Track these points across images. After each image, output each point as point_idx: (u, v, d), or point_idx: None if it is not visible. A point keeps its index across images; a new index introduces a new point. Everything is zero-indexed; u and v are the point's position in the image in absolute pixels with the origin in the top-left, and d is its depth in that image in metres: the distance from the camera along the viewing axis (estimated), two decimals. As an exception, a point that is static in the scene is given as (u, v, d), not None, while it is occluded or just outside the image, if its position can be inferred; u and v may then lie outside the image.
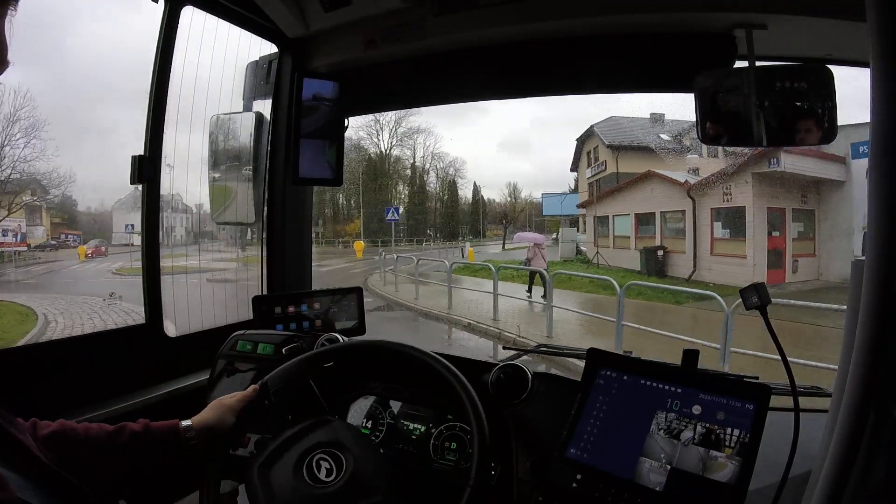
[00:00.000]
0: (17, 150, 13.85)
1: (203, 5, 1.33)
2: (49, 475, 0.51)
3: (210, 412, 0.94)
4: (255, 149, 1.55)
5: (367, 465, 0.83)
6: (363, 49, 1.39)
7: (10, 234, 13.19)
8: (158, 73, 1.29)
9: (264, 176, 1.59)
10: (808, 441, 0.76)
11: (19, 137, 13.69)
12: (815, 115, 1.01)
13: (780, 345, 0.85)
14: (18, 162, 14.12)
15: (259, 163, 1.57)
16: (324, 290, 1.50)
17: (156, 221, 1.34)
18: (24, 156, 13.98)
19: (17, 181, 14.45)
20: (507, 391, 1.03)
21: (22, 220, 14.47)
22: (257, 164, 1.56)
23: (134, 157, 1.28)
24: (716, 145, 1.10)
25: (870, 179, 0.50)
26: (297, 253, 1.71)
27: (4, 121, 13.36)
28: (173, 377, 1.36)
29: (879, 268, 0.50)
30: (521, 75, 1.38)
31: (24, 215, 14.92)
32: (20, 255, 13.84)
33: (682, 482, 0.77)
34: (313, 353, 1.04)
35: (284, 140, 1.56)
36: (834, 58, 1.15)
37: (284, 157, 1.57)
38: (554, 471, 0.86)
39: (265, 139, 1.57)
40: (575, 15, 1.18)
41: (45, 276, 13.87)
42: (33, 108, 13.67)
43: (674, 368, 0.92)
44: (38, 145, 14.18)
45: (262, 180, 1.59)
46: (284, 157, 1.57)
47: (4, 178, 13.94)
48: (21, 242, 13.76)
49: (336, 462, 0.83)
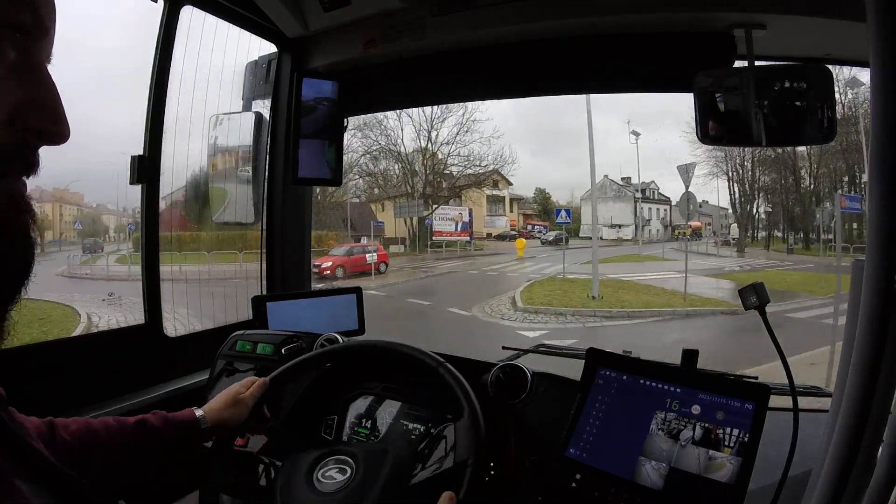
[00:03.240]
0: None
1: (203, 5, 1.33)
2: (58, 479, 0.50)
3: (223, 405, 0.91)
4: (255, 149, 1.55)
5: (374, 475, 0.83)
6: (363, 49, 1.39)
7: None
8: (158, 72, 1.28)
9: (264, 176, 1.59)
10: (808, 441, 0.77)
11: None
12: (814, 114, 1.01)
13: (780, 345, 0.86)
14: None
15: (258, 163, 1.57)
16: (324, 290, 1.51)
17: (156, 221, 1.34)
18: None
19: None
20: (506, 391, 1.03)
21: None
22: (257, 163, 1.56)
23: (133, 157, 1.28)
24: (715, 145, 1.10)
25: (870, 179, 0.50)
26: (296, 253, 1.71)
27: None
28: (173, 377, 1.36)
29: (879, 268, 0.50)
30: (521, 75, 1.38)
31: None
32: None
33: (682, 482, 0.77)
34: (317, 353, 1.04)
35: (284, 140, 1.56)
36: (833, 58, 1.15)
37: (284, 157, 1.58)
38: (554, 471, 0.86)
39: (264, 139, 1.57)
40: (575, 15, 1.18)
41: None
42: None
43: (673, 368, 0.92)
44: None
45: (262, 180, 1.59)
46: (284, 156, 1.58)
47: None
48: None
49: (344, 471, 0.83)
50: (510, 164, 27.01)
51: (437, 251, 23.76)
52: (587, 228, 27.00)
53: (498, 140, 38.27)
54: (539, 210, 35.61)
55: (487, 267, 18.49)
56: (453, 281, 15.75)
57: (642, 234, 28.15)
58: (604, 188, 30.65)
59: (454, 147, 25.86)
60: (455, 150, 25.86)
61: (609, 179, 31.07)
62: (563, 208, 20.75)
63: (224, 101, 1.61)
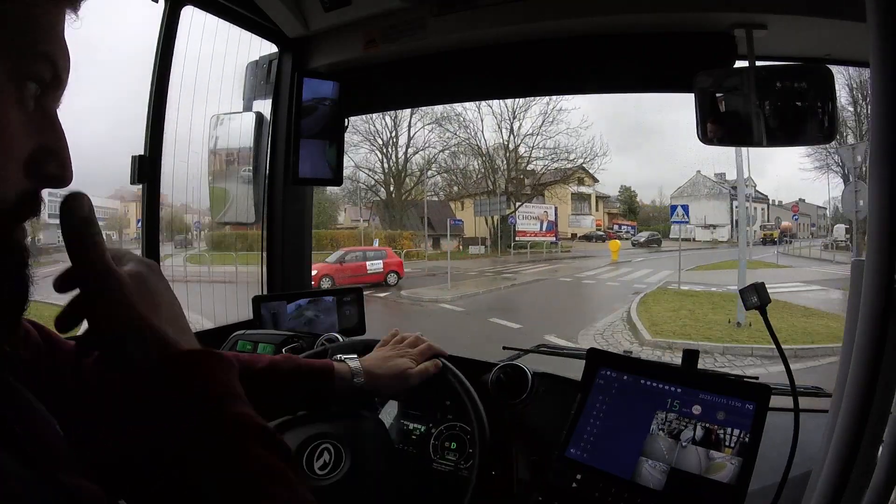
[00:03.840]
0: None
1: (203, 5, 1.33)
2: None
3: (387, 374, 0.88)
4: (255, 149, 1.55)
5: (367, 465, 0.83)
6: (363, 49, 1.39)
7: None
8: (158, 72, 1.29)
9: (264, 176, 1.59)
10: (808, 441, 0.77)
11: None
12: (815, 114, 1.01)
13: (780, 345, 0.86)
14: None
15: (259, 163, 1.57)
16: (324, 290, 1.51)
17: (156, 221, 1.34)
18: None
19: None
20: (507, 391, 1.03)
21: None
22: (257, 164, 1.56)
23: (134, 157, 1.28)
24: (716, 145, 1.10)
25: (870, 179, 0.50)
26: (297, 253, 1.71)
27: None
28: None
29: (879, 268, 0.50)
30: (521, 75, 1.38)
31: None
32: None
33: (682, 482, 0.77)
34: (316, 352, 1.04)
35: (284, 140, 1.56)
36: (834, 58, 1.15)
37: (284, 157, 1.57)
38: (554, 471, 0.86)
39: (265, 139, 1.57)
40: (575, 15, 1.18)
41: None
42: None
43: (674, 368, 0.92)
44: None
45: (263, 180, 1.59)
46: (284, 157, 1.58)
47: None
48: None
49: (336, 456, 0.83)
50: (601, 156, 25.52)
51: (520, 253, 22.31)
52: (676, 228, 24.50)
53: (586, 131, 36.79)
54: (624, 209, 33.89)
55: (580, 272, 16.24)
56: (544, 292, 13.48)
57: (746, 234, 25.05)
58: (696, 185, 28.82)
59: (538, 139, 24.36)
60: (540, 143, 24.42)
61: (702, 175, 29.04)
62: (679, 204, 18.21)
63: (225, 101, 1.61)
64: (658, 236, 17.48)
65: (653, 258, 16.41)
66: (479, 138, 24.64)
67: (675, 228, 24.59)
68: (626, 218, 32.82)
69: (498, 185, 24.15)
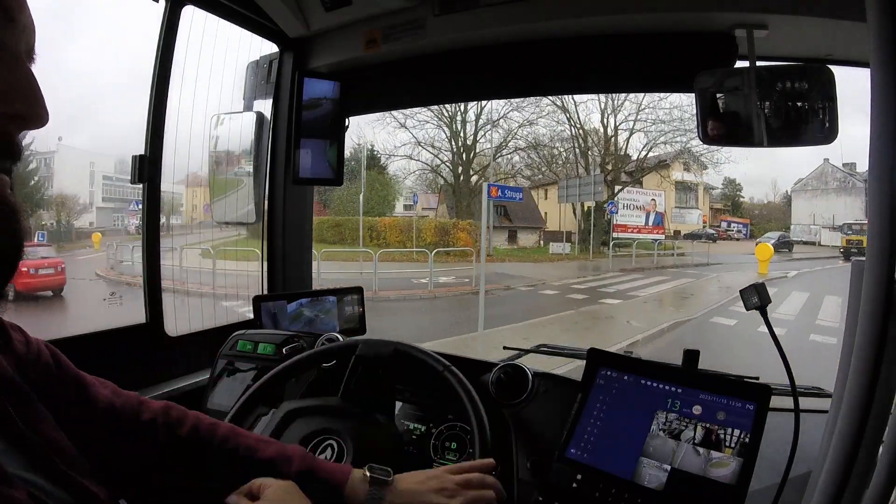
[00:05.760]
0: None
1: (204, 5, 1.33)
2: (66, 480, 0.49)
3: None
4: (256, 148, 1.55)
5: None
6: (364, 49, 1.39)
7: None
8: (159, 72, 1.29)
9: (265, 176, 1.59)
10: (808, 441, 0.77)
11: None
12: (815, 115, 1.01)
13: (781, 345, 0.85)
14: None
15: (260, 162, 1.57)
16: (324, 290, 1.51)
17: (156, 221, 1.34)
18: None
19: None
20: (507, 391, 1.03)
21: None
22: (258, 163, 1.56)
23: (134, 156, 1.28)
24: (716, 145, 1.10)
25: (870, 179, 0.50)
26: (297, 253, 1.71)
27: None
28: (173, 377, 1.36)
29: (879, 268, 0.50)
30: (522, 75, 1.38)
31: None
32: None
33: (683, 482, 0.77)
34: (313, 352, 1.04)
35: (285, 140, 1.56)
36: (834, 58, 1.15)
37: (285, 157, 1.58)
38: (554, 471, 0.86)
39: (266, 139, 1.57)
40: (576, 15, 1.18)
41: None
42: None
43: (674, 368, 0.92)
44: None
45: (263, 180, 1.59)
46: (285, 156, 1.58)
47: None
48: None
49: (339, 453, 0.83)
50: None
51: (620, 254, 15.71)
52: (798, 230, 20.56)
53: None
54: (728, 205, 28.69)
55: (728, 299, 8.54)
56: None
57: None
58: (823, 176, 23.23)
59: (642, 112, 18.70)
60: (644, 115, 18.69)
61: (831, 165, 23.13)
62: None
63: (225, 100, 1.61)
64: (788, 238, 13.87)
65: (807, 271, 10.87)
66: (571, 111, 19.32)
67: (795, 229, 20.90)
68: (730, 214, 27.34)
69: (589, 170, 18.75)
